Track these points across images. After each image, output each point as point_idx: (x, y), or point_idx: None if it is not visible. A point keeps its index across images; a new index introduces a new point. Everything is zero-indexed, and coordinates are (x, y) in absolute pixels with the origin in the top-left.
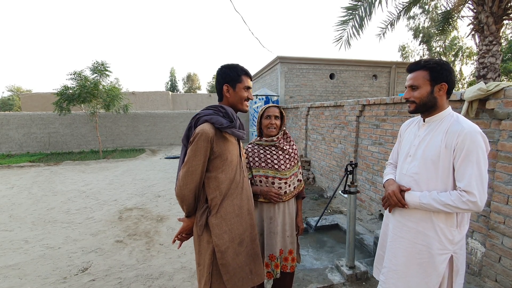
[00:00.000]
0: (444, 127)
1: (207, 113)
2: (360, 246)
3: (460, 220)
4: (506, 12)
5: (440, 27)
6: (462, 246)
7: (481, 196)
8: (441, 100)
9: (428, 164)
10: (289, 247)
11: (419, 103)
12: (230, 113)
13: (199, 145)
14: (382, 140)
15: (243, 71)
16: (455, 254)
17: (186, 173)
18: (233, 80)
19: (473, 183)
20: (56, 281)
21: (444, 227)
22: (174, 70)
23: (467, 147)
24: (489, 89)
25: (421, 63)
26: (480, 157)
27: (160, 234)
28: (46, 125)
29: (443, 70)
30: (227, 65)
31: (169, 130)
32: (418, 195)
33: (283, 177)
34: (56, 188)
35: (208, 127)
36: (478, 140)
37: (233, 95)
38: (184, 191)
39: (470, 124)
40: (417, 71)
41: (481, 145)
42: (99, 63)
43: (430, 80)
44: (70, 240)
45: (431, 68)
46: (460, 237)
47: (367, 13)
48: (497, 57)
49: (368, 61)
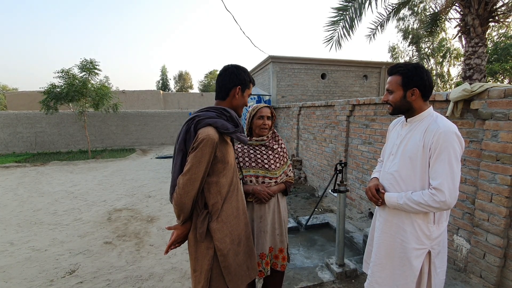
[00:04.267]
0: (423, 127)
1: (209, 116)
2: (350, 244)
3: (438, 216)
4: (491, 15)
5: (429, 29)
6: (440, 243)
7: (450, 194)
8: (416, 104)
9: (407, 162)
10: (279, 245)
11: (394, 106)
12: (235, 117)
13: (205, 151)
14: (372, 140)
15: (252, 78)
16: (433, 250)
17: (188, 181)
18: (245, 84)
19: (444, 181)
20: (42, 284)
21: (421, 223)
22: (166, 68)
23: (440, 146)
24: (473, 90)
25: (396, 68)
26: (452, 156)
27: (150, 235)
28: (32, 124)
29: (414, 76)
30: (241, 66)
31: (160, 130)
32: (395, 196)
33: (273, 177)
34: (43, 189)
35: (213, 132)
36: (451, 140)
37: (240, 98)
38: (184, 199)
39: (447, 124)
40: (393, 76)
41: (454, 145)
42: (87, 61)
43: (402, 86)
44: (57, 242)
45: (403, 74)
46: (438, 233)
47: (357, 14)
48: (482, 59)
49: (358, 61)
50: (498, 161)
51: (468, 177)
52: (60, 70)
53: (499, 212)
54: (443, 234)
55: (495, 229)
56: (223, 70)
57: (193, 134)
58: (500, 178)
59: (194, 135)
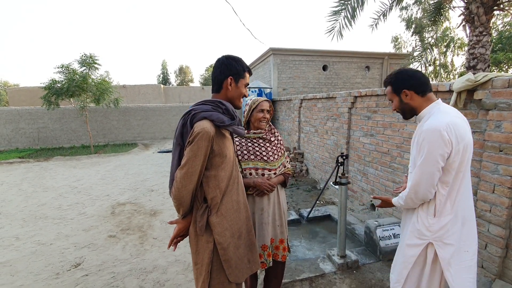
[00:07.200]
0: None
1: (205, 109)
2: (352, 236)
3: (440, 210)
4: (496, 3)
5: (432, 18)
6: (445, 236)
7: (414, 187)
8: (414, 103)
9: (414, 162)
10: (280, 236)
11: (400, 111)
12: (231, 110)
13: (200, 145)
14: (373, 132)
15: (246, 67)
16: (436, 243)
17: (185, 175)
18: (238, 74)
19: (413, 174)
20: (48, 277)
21: (422, 214)
22: (166, 62)
23: (420, 143)
24: (477, 80)
25: (386, 81)
26: (426, 154)
27: (154, 228)
28: (34, 120)
29: (398, 81)
30: (232, 56)
31: (161, 124)
32: (396, 198)
33: (272, 168)
34: (46, 184)
35: (209, 125)
36: (429, 138)
37: (234, 89)
38: (182, 193)
39: (432, 122)
40: (386, 88)
41: (433, 143)
42: (87, 55)
43: (394, 92)
44: (62, 236)
45: (391, 83)
46: (439, 226)
47: (359, 3)
48: (487, 48)
49: (360, 52)
50: (501, 151)
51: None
52: (60, 65)
53: (502, 203)
54: (448, 228)
55: (497, 220)
56: (215, 62)
57: (189, 128)
58: (503, 169)
59: (190, 129)
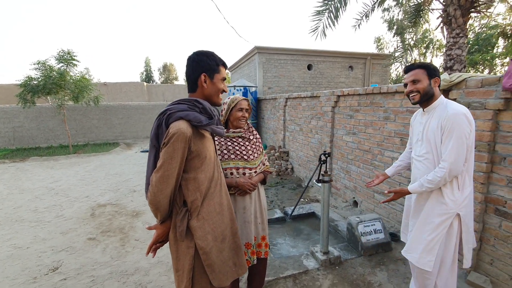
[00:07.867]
0: (438, 113)
1: (181, 109)
2: (335, 233)
3: (462, 183)
4: (473, 5)
5: (412, 20)
6: (467, 206)
7: (451, 166)
8: (436, 91)
9: (430, 145)
10: (261, 233)
11: (422, 93)
12: (208, 108)
13: (176, 146)
14: (356, 130)
15: (220, 60)
16: (461, 212)
17: (161, 178)
18: (211, 70)
19: (447, 156)
20: (25, 281)
21: (447, 191)
22: (149, 60)
23: (449, 127)
24: (451, 80)
25: (415, 64)
26: (457, 135)
27: (136, 230)
28: (10, 119)
29: (434, 69)
30: (203, 51)
31: (144, 123)
32: (416, 184)
33: (252, 167)
34: (23, 185)
35: (185, 126)
36: (458, 121)
37: (210, 86)
38: (159, 197)
39: (455, 107)
40: (415, 69)
41: (461, 125)
42: (65, 51)
43: (427, 75)
44: (39, 239)
45: (426, 67)
46: (462, 198)
47: (342, 3)
48: (463, 49)
49: (344, 52)
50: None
51: None
52: (36, 62)
53: (475, 198)
54: (468, 197)
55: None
56: (186, 61)
57: (165, 128)
58: (476, 165)
59: (166, 129)
